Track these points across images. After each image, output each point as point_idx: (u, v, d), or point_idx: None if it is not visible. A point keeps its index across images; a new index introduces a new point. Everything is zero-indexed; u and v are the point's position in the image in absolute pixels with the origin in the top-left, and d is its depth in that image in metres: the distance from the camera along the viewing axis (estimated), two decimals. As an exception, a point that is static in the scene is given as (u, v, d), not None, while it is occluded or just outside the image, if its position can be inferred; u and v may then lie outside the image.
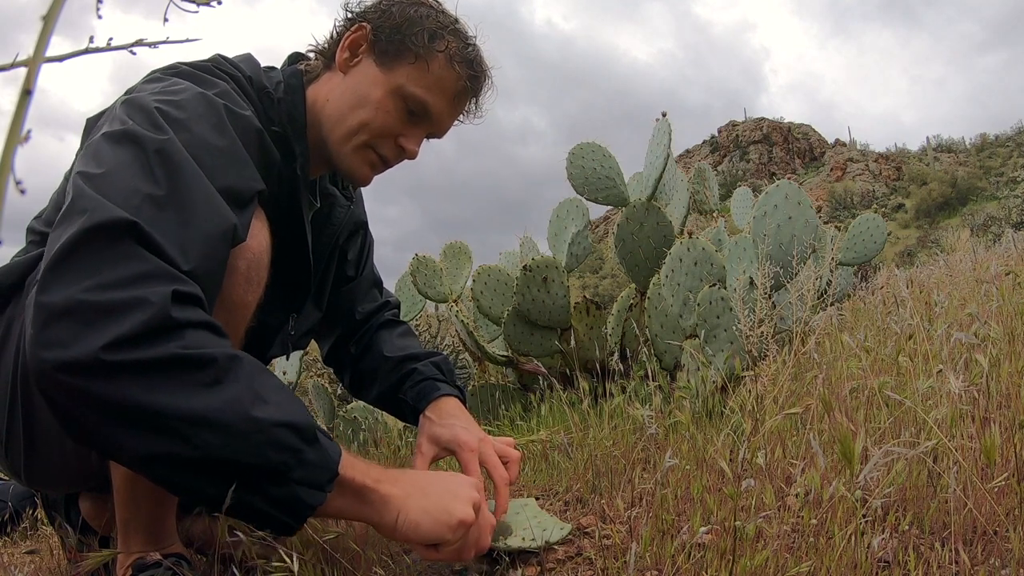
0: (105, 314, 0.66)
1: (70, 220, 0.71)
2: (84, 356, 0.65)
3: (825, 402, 1.18)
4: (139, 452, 0.68)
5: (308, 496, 0.76)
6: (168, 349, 0.68)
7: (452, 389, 1.24)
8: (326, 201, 1.22)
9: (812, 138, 79.87)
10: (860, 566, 0.80)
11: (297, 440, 0.74)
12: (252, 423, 0.71)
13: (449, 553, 0.88)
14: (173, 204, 0.76)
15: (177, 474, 0.70)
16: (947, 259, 3.99)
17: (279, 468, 0.73)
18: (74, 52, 0.36)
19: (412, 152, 1.11)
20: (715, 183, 3.48)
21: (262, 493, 0.73)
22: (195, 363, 0.69)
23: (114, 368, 0.66)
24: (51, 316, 0.66)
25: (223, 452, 0.69)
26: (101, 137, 0.80)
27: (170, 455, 0.68)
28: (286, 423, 0.73)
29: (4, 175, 0.24)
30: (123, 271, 0.69)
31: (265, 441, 0.71)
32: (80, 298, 0.66)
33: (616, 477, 1.30)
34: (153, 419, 0.67)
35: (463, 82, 1.08)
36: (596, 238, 14.76)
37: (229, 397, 0.70)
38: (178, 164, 0.79)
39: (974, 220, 21.75)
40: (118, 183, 0.74)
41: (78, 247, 0.69)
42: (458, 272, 3.11)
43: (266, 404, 0.72)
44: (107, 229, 0.70)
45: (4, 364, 0.93)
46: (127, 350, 0.66)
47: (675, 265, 2.07)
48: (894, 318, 1.72)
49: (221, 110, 0.89)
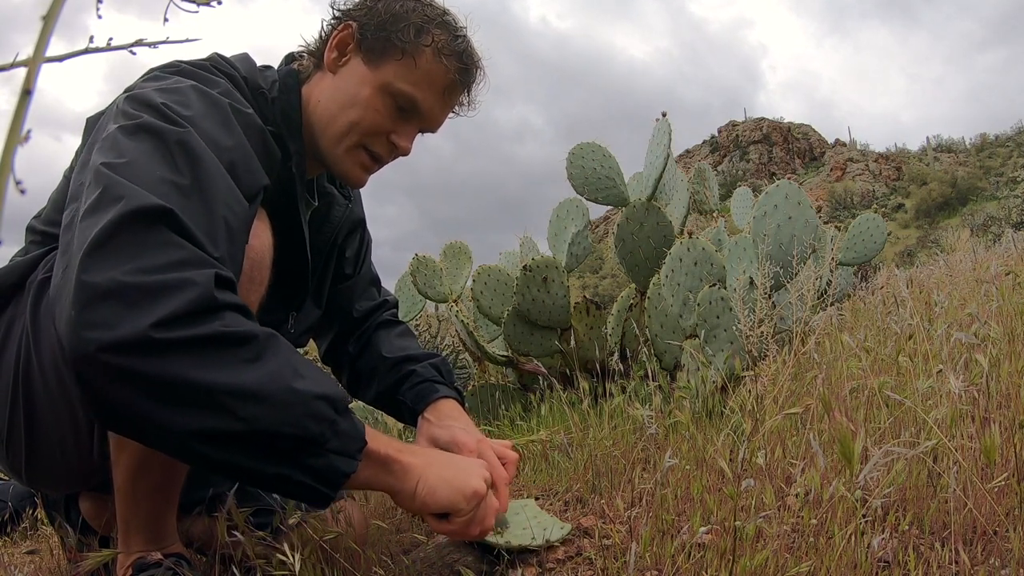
0: (152, 295, 0.68)
1: (103, 207, 0.72)
2: (133, 335, 0.66)
3: (825, 402, 1.18)
4: (185, 429, 0.69)
5: (343, 464, 0.78)
6: (214, 327, 0.70)
7: (451, 391, 1.24)
8: (324, 200, 1.22)
9: (812, 138, 79.87)
10: (860, 566, 0.80)
11: (331, 411, 0.77)
12: (294, 395, 0.73)
13: (459, 524, 0.91)
14: (198, 193, 0.78)
15: (220, 450, 0.71)
16: (947, 259, 3.99)
17: (317, 438, 0.75)
18: (74, 52, 0.36)
19: (404, 149, 1.10)
20: (715, 183, 3.48)
21: (300, 464, 0.75)
22: (238, 340, 0.71)
23: (164, 345, 0.67)
24: (94, 297, 0.67)
25: (267, 424, 0.71)
26: (117, 130, 0.81)
27: (215, 430, 0.70)
28: (322, 395, 0.76)
29: (4, 175, 0.23)
30: (163, 257, 0.70)
31: (305, 412, 0.74)
32: (123, 280, 0.67)
33: (616, 477, 1.30)
34: (201, 394, 0.68)
35: (452, 75, 1.07)
36: (596, 238, 14.75)
37: (271, 371, 0.72)
38: (199, 155, 0.80)
39: (974, 220, 21.75)
40: (143, 172, 0.76)
41: (117, 232, 0.70)
42: (458, 272, 3.11)
43: (303, 378, 0.75)
44: (144, 215, 0.71)
45: (5, 364, 0.93)
46: (176, 328, 0.68)
47: (675, 265, 2.07)
48: (894, 318, 1.72)
49: (226, 107, 0.90)
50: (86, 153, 0.85)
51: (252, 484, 0.77)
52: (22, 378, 0.91)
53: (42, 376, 0.90)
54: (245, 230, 0.85)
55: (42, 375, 0.90)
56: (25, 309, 0.92)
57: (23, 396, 0.92)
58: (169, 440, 0.71)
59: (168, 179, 0.76)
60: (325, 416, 0.76)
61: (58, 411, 0.92)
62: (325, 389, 0.76)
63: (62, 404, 0.91)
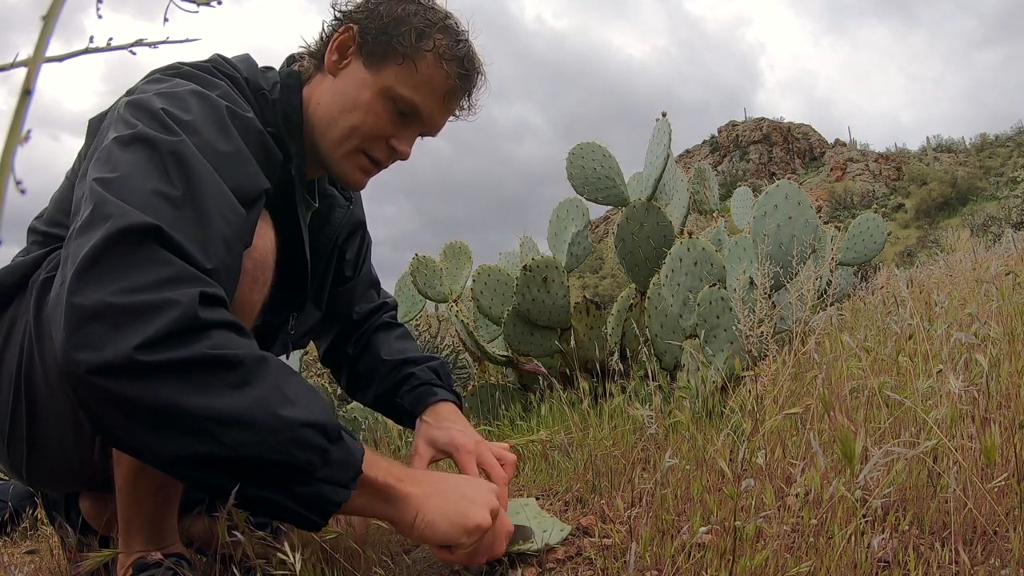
0: (135, 316, 0.68)
1: (93, 226, 0.72)
2: (116, 357, 0.66)
3: (825, 402, 1.18)
4: (170, 454, 0.70)
5: (333, 493, 0.77)
6: (198, 349, 0.69)
7: (449, 394, 1.24)
8: (325, 201, 1.22)
9: (812, 138, 79.88)
10: (860, 566, 0.80)
11: (322, 439, 0.76)
12: (279, 422, 0.72)
13: (462, 556, 0.89)
14: (190, 204, 0.77)
15: (206, 473, 0.72)
16: (947, 259, 3.99)
17: (305, 467, 0.74)
18: (74, 52, 0.36)
19: (404, 153, 1.10)
20: (715, 183, 3.48)
21: (288, 491, 0.75)
22: (224, 364, 0.71)
23: (146, 369, 0.67)
24: (81, 319, 0.67)
25: (252, 451, 0.71)
26: (112, 142, 0.81)
27: (199, 455, 0.70)
28: (312, 423, 0.75)
29: (4, 175, 0.24)
30: (150, 275, 0.70)
31: (292, 440, 0.73)
32: (110, 301, 0.68)
33: (616, 477, 1.30)
34: (184, 420, 0.68)
35: (453, 81, 1.06)
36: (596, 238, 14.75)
37: (257, 397, 0.72)
38: (192, 165, 0.80)
39: (974, 220, 21.75)
40: (135, 186, 0.76)
41: (104, 252, 0.70)
42: (458, 272, 3.11)
43: (293, 405, 0.74)
44: (131, 234, 0.71)
45: (7, 362, 0.93)
46: (159, 350, 0.67)
47: (675, 265, 2.07)
48: (894, 318, 1.71)
49: (223, 111, 0.90)
50: (87, 161, 0.85)
51: (243, 507, 0.77)
52: (24, 377, 0.92)
53: (44, 375, 0.90)
54: (242, 239, 0.84)
55: (44, 374, 0.90)
56: (28, 308, 0.92)
57: (25, 395, 0.92)
58: (159, 462, 0.72)
59: (160, 191, 0.76)
60: (314, 444, 0.75)
61: (60, 410, 0.92)
62: (315, 417, 0.75)
63: (64, 403, 0.91)
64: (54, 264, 0.95)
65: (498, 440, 1.46)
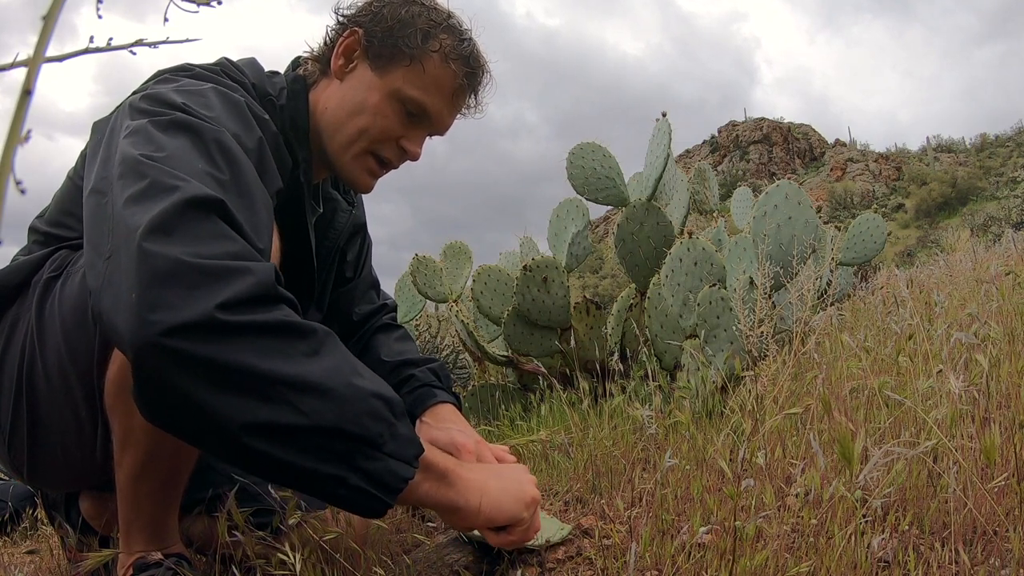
0: (215, 277, 0.67)
1: (156, 195, 0.71)
2: (198, 317, 0.65)
3: (825, 402, 1.18)
4: (242, 421, 0.66)
5: (401, 469, 0.75)
6: (277, 316, 0.69)
7: (449, 396, 1.24)
8: (328, 206, 1.22)
9: (812, 138, 79.89)
10: (860, 566, 0.80)
11: (389, 413, 0.75)
12: (354, 391, 0.72)
13: (519, 533, 0.91)
14: (237, 190, 0.78)
15: (276, 445, 0.68)
16: (947, 259, 3.99)
17: (375, 439, 0.73)
18: (75, 52, 0.36)
19: (415, 153, 1.11)
20: (715, 183, 3.48)
21: (356, 467, 0.72)
22: (300, 332, 0.71)
23: (229, 328, 0.66)
24: (156, 278, 0.66)
25: (329, 419, 0.69)
26: (149, 123, 0.80)
27: (273, 423, 0.67)
28: (381, 395, 0.74)
29: (4, 175, 0.24)
30: (218, 247, 0.70)
31: (365, 410, 0.72)
32: (188, 260, 0.67)
33: (616, 477, 1.30)
34: (262, 383, 0.67)
35: (460, 80, 1.07)
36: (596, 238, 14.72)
37: (330, 366, 0.71)
38: (235, 153, 0.81)
39: (974, 220, 21.75)
40: (188, 164, 0.75)
41: (175, 218, 0.69)
42: (458, 272, 3.11)
43: (362, 376, 0.74)
44: (199, 205, 0.71)
45: (9, 361, 0.93)
46: (241, 312, 0.67)
47: (675, 265, 2.07)
48: (894, 318, 1.72)
49: (245, 108, 0.91)
50: (104, 150, 0.83)
51: (301, 488, 0.73)
52: (26, 376, 0.92)
53: (46, 375, 0.91)
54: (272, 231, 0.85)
55: (46, 373, 0.90)
56: (30, 308, 0.92)
57: (26, 394, 0.92)
58: (222, 434, 0.68)
59: (211, 173, 0.76)
60: (383, 416, 0.74)
61: (61, 410, 0.92)
62: (383, 389, 0.75)
63: (65, 403, 0.91)
64: (58, 263, 0.95)
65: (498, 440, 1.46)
